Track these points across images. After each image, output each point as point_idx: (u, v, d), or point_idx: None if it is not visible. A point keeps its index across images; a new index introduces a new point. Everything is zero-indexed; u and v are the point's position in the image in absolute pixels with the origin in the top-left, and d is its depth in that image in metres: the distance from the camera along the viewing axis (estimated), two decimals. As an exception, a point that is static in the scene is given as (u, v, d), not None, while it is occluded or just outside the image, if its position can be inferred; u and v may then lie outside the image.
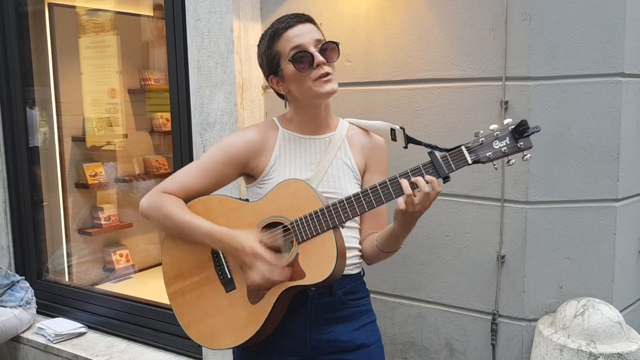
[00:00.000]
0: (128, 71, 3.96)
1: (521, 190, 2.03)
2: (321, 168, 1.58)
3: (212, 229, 1.52)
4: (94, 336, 3.15)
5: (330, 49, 1.52)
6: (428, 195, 1.37)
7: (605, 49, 1.94)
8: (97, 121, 3.84)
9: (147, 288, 3.60)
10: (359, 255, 1.66)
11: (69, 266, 3.79)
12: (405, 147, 1.55)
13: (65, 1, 3.75)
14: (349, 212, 1.44)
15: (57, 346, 3.01)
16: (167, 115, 2.93)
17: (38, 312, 3.34)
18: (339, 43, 1.54)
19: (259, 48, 1.61)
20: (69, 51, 3.76)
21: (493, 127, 1.36)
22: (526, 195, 2.02)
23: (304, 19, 1.54)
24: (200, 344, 1.60)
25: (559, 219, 2.03)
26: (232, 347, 1.59)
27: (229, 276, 1.55)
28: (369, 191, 1.42)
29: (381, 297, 2.33)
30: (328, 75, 1.50)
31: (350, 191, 1.53)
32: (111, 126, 3.89)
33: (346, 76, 2.29)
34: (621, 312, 2.01)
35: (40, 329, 3.15)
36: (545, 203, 2.03)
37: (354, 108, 2.29)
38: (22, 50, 3.46)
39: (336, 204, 1.44)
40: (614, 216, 2.03)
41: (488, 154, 1.36)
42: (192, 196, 1.60)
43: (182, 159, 2.73)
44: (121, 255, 3.98)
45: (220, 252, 1.56)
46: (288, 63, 1.51)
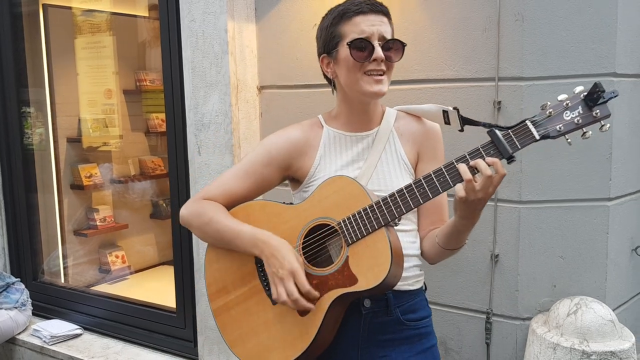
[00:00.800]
0: (124, 72, 3.95)
1: (514, 189, 2.04)
2: (369, 165, 1.45)
3: (254, 239, 1.40)
4: (89, 338, 3.14)
5: (394, 48, 1.40)
6: (491, 179, 1.21)
7: (597, 49, 1.95)
8: (92, 122, 3.83)
9: (143, 289, 3.60)
10: (419, 266, 1.50)
11: (64, 267, 3.78)
12: (461, 130, 1.41)
13: (61, 2, 3.75)
14: (402, 207, 1.29)
15: (53, 348, 3.01)
16: (163, 116, 2.92)
17: (34, 314, 3.33)
18: (406, 45, 1.42)
19: (322, 21, 1.47)
20: (64, 52, 3.75)
21: (562, 97, 1.20)
22: (519, 195, 2.03)
23: (378, 9, 1.40)
24: None
25: (552, 218, 2.04)
26: None
27: None
28: (422, 181, 1.27)
29: (376, 297, 2.33)
30: (381, 75, 1.38)
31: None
32: (107, 127, 3.88)
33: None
34: (614, 310, 2.02)
35: (35, 330, 3.15)
36: (539, 202, 2.04)
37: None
38: (16, 51, 3.45)
39: (387, 199, 1.30)
40: (606, 215, 2.04)
41: (558, 126, 1.19)
42: (234, 201, 1.49)
43: (177, 160, 2.73)
44: (117, 257, 3.97)
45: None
46: (346, 47, 1.38)
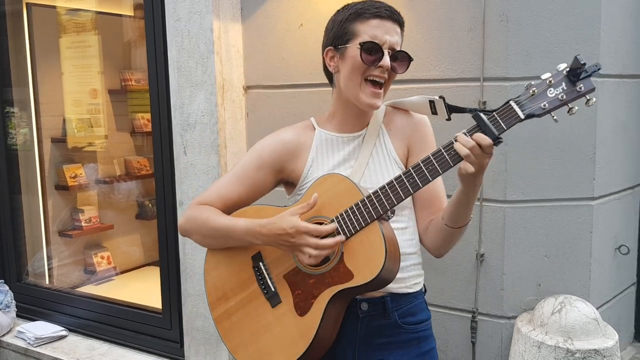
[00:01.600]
0: (109, 71, 3.91)
1: (499, 189, 2.05)
2: (360, 162, 1.45)
3: (251, 224, 1.40)
4: (74, 339, 3.11)
5: (401, 59, 1.41)
6: (476, 149, 1.22)
7: (581, 49, 1.97)
8: (77, 122, 3.80)
9: (129, 290, 3.58)
10: (418, 265, 1.49)
11: (49, 269, 3.74)
12: (448, 119, 1.41)
13: (45, 1, 3.70)
14: (393, 198, 1.29)
15: (38, 350, 2.98)
16: (149, 116, 2.91)
17: (18, 316, 3.30)
18: (413, 60, 1.43)
19: (336, 14, 1.46)
20: (49, 51, 3.71)
21: (545, 75, 1.21)
22: (504, 195, 2.04)
23: (396, 18, 1.41)
24: None
25: (536, 217, 2.05)
26: None
27: (272, 289, 1.43)
28: (411, 170, 1.28)
29: (363, 297, 2.33)
30: (380, 88, 1.40)
31: None
32: (92, 127, 3.85)
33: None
34: (598, 309, 2.04)
35: (20, 332, 3.11)
36: (523, 202, 2.05)
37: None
38: (-1, 51, 3.42)
39: (377, 192, 1.30)
40: (590, 215, 2.06)
41: (543, 104, 1.20)
42: (230, 206, 1.50)
43: (163, 160, 2.71)
44: (102, 258, 3.94)
45: (261, 264, 1.45)
46: (357, 47, 1.38)
